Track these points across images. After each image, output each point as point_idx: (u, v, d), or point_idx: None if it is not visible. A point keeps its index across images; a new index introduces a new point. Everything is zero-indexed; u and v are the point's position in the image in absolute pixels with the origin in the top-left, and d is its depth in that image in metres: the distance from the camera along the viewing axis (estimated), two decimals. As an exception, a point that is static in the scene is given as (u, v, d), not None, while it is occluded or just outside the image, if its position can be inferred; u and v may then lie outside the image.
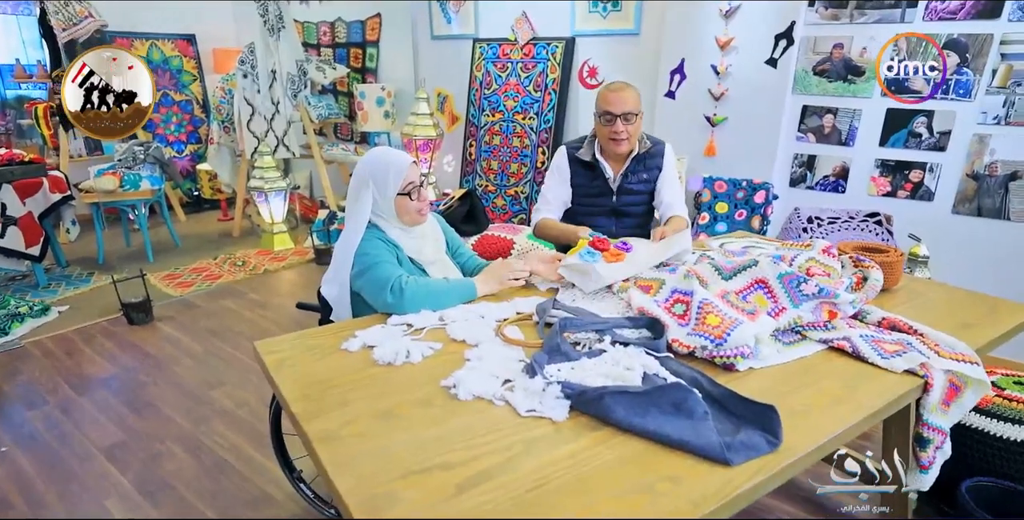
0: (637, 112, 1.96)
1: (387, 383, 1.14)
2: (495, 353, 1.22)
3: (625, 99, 1.93)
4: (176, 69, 5.48)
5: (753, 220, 2.92)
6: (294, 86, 4.38)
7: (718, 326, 1.19)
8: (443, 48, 4.32)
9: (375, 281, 1.45)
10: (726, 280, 1.36)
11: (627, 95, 1.93)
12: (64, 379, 2.62)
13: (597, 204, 2.09)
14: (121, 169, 4.08)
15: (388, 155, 1.59)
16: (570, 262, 1.56)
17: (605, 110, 1.94)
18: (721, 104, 3.03)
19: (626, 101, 1.93)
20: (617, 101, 1.93)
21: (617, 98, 1.93)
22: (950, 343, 1.25)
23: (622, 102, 1.92)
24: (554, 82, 3.64)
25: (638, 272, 1.53)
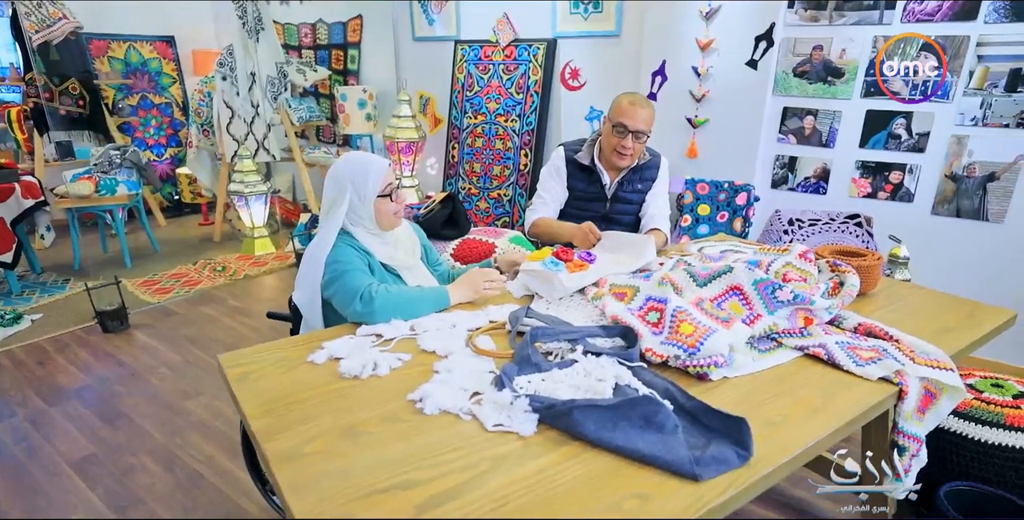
0: (649, 133, 1.97)
1: (353, 398, 1.10)
2: (465, 365, 1.19)
3: (644, 117, 1.93)
4: (155, 71, 5.40)
5: (735, 222, 2.91)
6: (274, 88, 4.32)
7: (691, 335, 1.16)
8: (425, 50, 4.29)
9: (345, 290, 1.41)
10: (701, 287, 1.34)
11: (646, 114, 1.94)
12: (35, 390, 2.56)
13: (589, 209, 2.07)
14: (97, 174, 4.00)
15: (366, 158, 1.57)
16: (532, 267, 1.54)
17: (620, 122, 1.93)
18: (702, 106, 3.02)
19: (645, 119, 1.94)
20: (636, 117, 1.93)
21: (636, 114, 1.93)
22: (925, 349, 1.23)
23: (641, 119, 1.93)
24: (536, 84, 3.62)
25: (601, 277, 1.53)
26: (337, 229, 1.51)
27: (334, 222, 1.52)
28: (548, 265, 1.55)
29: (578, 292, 1.53)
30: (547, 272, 1.51)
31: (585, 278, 1.53)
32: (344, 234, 1.54)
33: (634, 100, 1.92)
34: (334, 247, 1.49)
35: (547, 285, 1.51)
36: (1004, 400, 1.68)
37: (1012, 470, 1.57)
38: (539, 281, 1.53)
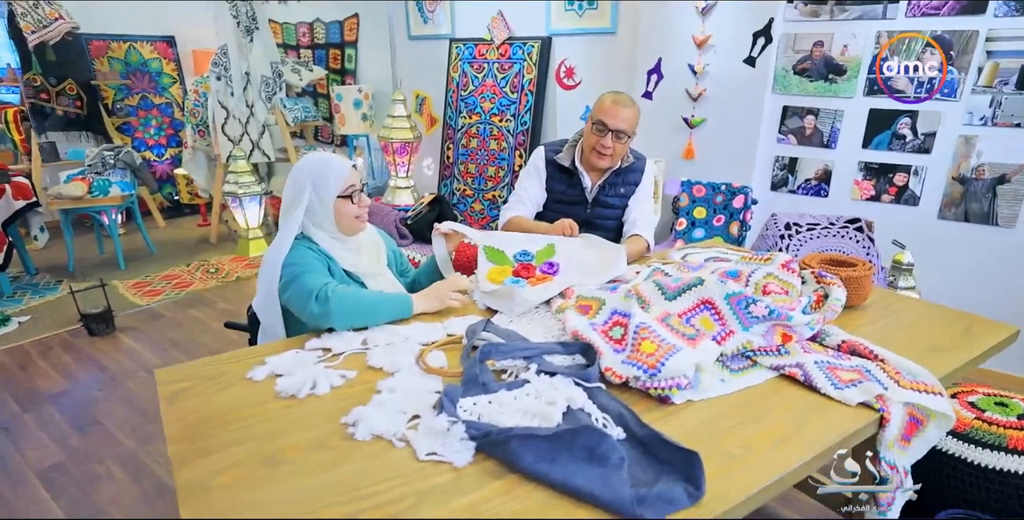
0: (631, 132, 1.86)
1: (285, 420, 1.03)
2: (410, 384, 1.11)
3: (625, 116, 1.82)
4: (155, 72, 5.38)
5: (732, 226, 2.80)
6: (268, 89, 4.28)
7: (652, 354, 1.07)
8: (420, 48, 4.22)
9: (301, 291, 1.34)
10: (669, 300, 1.24)
11: (628, 113, 1.83)
12: (12, 394, 2.52)
13: (569, 213, 1.97)
14: (91, 175, 3.98)
15: (327, 158, 1.50)
16: (490, 289, 1.46)
17: (600, 119, 1.83)
18: (699, 105, 2.92)
19: (625, 118, 1.83)
20: (616, 115, 1.82)
21: (617, 112, 1.82)
22: (913, 371, 1.13)
23: (619, 117, 1.82)
24: (530, 83, 3.53)
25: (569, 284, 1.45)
26: (295, 232, 1.44)
27: (292, 224, 1.45)
28: (508, 285, 1.48)
29: (543, 304, 1.44)
30: (506, 288, 1.43)
31: (548, 289, 1.45)
32: (304, 238, 1.47)
33: (617, 99, 1.83)
34: (291, 250, 1.42)
35: (508, 301, 1.42)
36: (1008, 421, 1.56)
37: (1015, 498, 1.46)
38: (500, 299, 1.45)
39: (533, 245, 1.64)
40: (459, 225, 1.63)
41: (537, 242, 1.65)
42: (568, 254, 1.62)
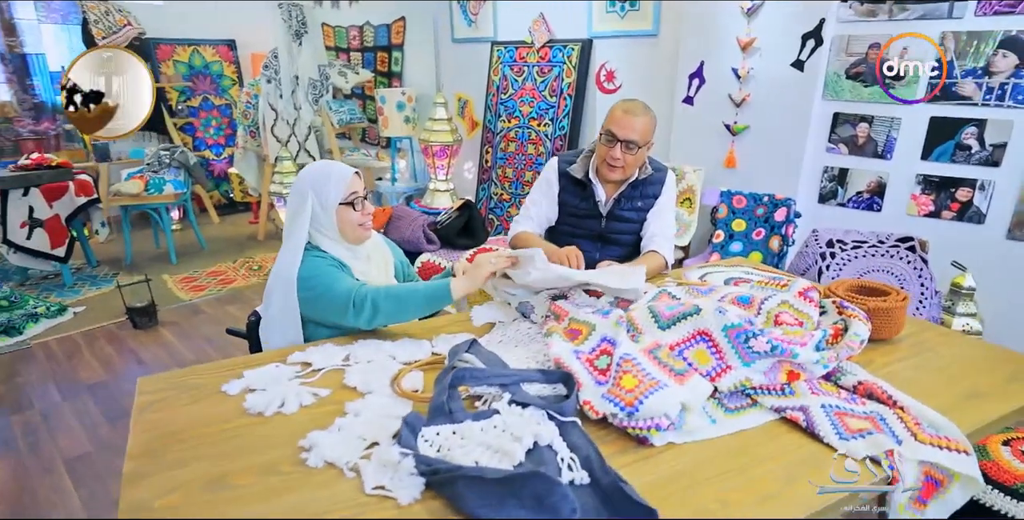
0: (643, 143, 1.72)
1: (245, 439, 1.00)
2: (379, 407, 1.07)
3: (634, 125, 1.69)
4: (217, 74, 5.61)
5: (772, 240, 2.63)
6: (316, 91, 4.37)
7: (632, 390, 0.99)
8: (463, 51, 4.20)
9: (333, 305, 1.35)
10: (663, 329, 1.15)
11: (638, 122, 1.69)
12: (56, 383, 2.66)
13: (583, 227, 1.89)
14: (148, 173, 4.18)
15: (330, 164, 1.49)
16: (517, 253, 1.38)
17: (609, 129, 1.73)
18: (743, 111, 2.75)
19: (634, 127, 1.69)
20: (624, 124, 1.70)
21: (626, 121, 1.70)
22: (936, 422, 0.99)
23: (629, 127, 1.70)
24: (569, 86, 3.44)
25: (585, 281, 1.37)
26: (302, 244, 1.43)
27: (298, 234, 1.44)
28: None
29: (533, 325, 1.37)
30: (529, 251, 1.34)
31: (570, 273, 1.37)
32: (313, 248, 1.46)
33: (628, 107, 1.73)
34: (304, 262, 1.41)
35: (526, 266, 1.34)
36: (1067, 476, 1.37)
37: (1069, 566, 1.28)
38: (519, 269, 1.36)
39: None
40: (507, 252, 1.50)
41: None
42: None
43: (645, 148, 1.74)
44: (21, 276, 3.91)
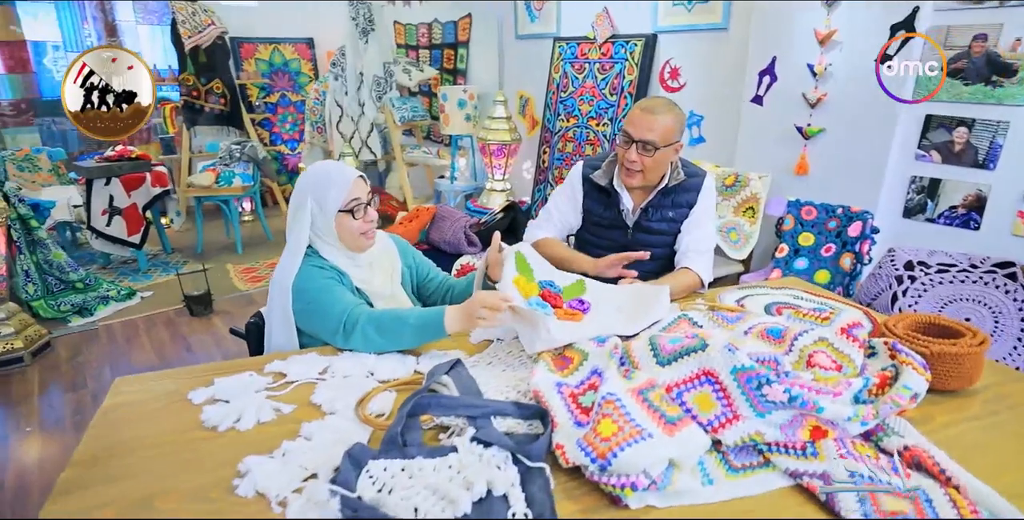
0: (661, 144, 1.53)
1: (190, 455, 0.94)
2: (335, 431, 0.98)
3: (650, 124, 1.52)
4: (295, 71, 5.80)
5: (843, 258, 2.34)
6: (380, 88, 4.39)
7: (609, 439, 0.84)
8: (527, 48, 4.09)
9: (324, 324, 1.28)
10: (661, 366, 0.98)
11: (655, 120, 1.52)
12: (111, 365, 2.80)
13: (608, 237, 1.73)
14: (220, 166, 4.36)
15: (331, 168, 1.41)
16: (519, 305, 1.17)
17: (624, 129, 1.57)
18: (818, 112, 2.47)
19: (651, 126, 1.52)
20: (640, 123, 1.53)
21: (642, 119, 1.53)
22: (996, 506, 0.78)
23: (645, 126, 1.52)
24: (631, 84, 3.25)
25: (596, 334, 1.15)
26: (301, 249, 1.38)
27: (296, 241, 1.38)
28: (535, 306, 1.21)
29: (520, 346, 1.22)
30: (533, 312, 1.15)
31: (579, 330, 1.17)
32: (313, 254, 1.40)
33: (647, 104, 1.54)
34: (300, 270, 1.35)
35: (531, 329, 1.15)
36: None
37: None
38: (522, 322, 1.17)
39: (561, 278, 1.38)
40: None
41: (565, 277, 1.39)
42: (599, 293, 1.36)
43: (671, 150, 1.55)
44: (104, 260, 4.19)
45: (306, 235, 1.38)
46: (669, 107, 1.54)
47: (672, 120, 1.53)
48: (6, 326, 2.76)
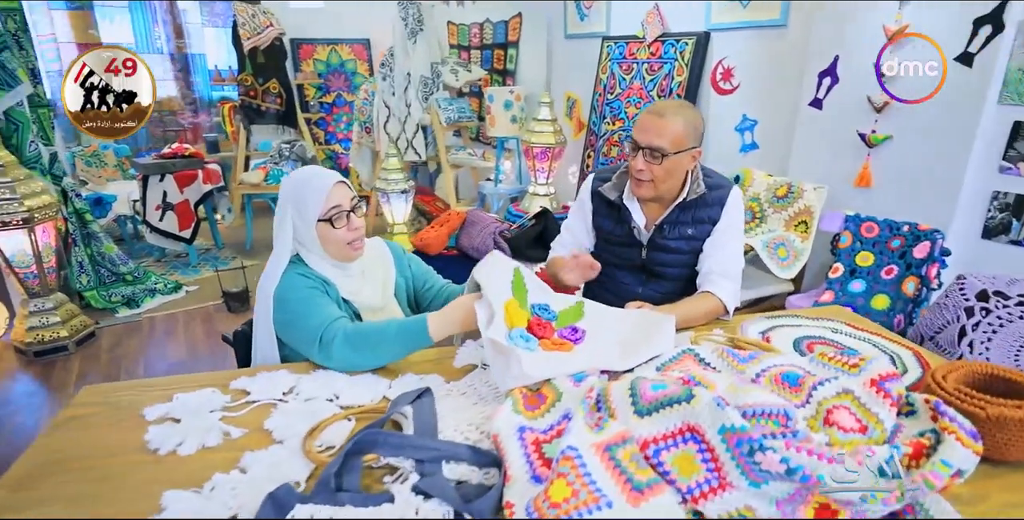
0: (671, 151, 1.36)
1: (120, 481, 0.88)
2: (273, 464, 0.89)
3: (659, 128, 1.35)
4: (351, 72, 5.88)
5: (906, 282, 2.08)
6: (426, 88, 4.36)
7: (559, 504, 0.71)
8: (575, 48, 3.94)
9: (302, 336, 1.21)
10: (640, 416, 0.83)
11: (663, 124, 1.35)
12: (145, 358, 2.86)
13: (622, 256, 1.58)
14: (270, 164, 4.45)
15: (312, 172, 1.34)
16: (494, 337, 1.04)
17: (631, 134, 1.42)
18: (884, 117, 2.21)
19: (659, 131, 1.35)
20: (647, 127, 1.37)
21: (648, 123, 1.37)
22: None
23: (652, 130, 1.36)
24: (680, 86, 3.05)
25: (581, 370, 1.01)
26: (285, 257, 1.32)
27: (281, 248, 1.32)
28: (515, 339, 1.09)
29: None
30: (506, 346, 1.01)
31: (560, 365, 1.02)
32: (297, 262, 1.33)
33: (657, 107, 1.38)
34: (283, 278, 1.29)
35: (504, 362, 1.00)
36: None
37: None
38: (498, 357, 1.03)
39: (559, 301, 1.25)
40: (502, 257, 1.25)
41: (563, 299, 1.26)
42: (599, 319, 1.22)
43: (684, 157, 1.38)
44: (160, 253, 4.35)
45: (289, 245, 1.32)
46: (681, 109, 1.38)
47: (684, 124, 1.36)
48: (53, 315, 2.88)
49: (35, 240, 2.70)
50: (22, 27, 2.97)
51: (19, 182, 2.63)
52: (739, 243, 1.47)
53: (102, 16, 4.91)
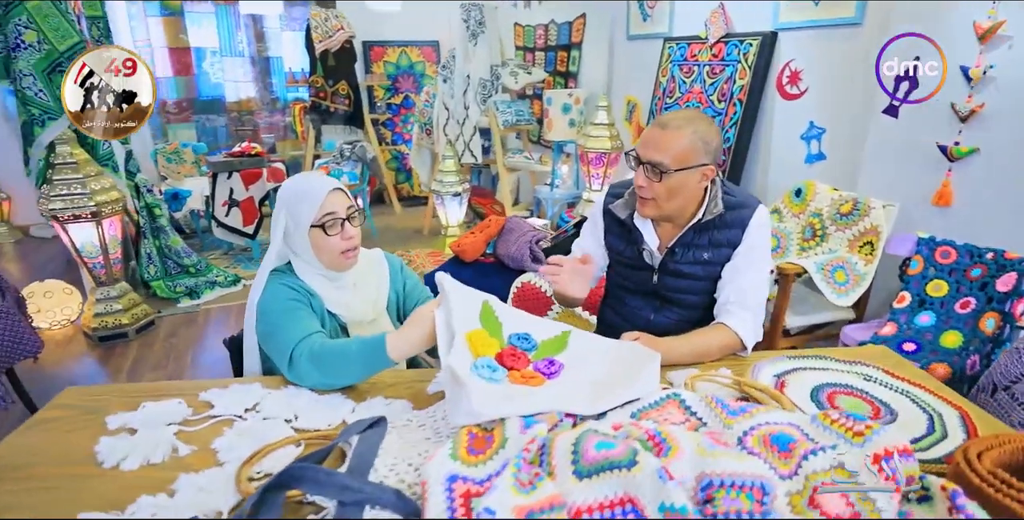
0: (673, 167, 1.21)
1: (55, 494, 0.87)
2: (202, 491, 0.85)
3: (661, 141, 1.22)
4: (419, 73, 5.96)
5: (985, 318, 1.80)
6: (485, 91, 4.32)
7: (458, 580, 0.62)
8: (637, 49, 3.78)
9: (276, 350, 1.19)
10: (579, 478, 0.72)
11: (665, 137, 1.21)
12: (192, 349, 2.99)
13: (633, 280, 1.45)
14: (331, 164, 4.57)
15: (307, 179, 1.31)
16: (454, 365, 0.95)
17: (633, 147, 1.30)
18: (970, 127, 1.94)
19: (661, 144, 1.22)
20: (650, 140, 1.24)
21: (651, 136, 1.24)
22: None
23: (653, 144, 1.23)
24: (742, 90, 2.84)
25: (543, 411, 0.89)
26: (271, 264, 1.30)
27: (272, 254, 1.30)
28: (479, 369, 0.99)
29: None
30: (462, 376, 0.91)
31: (519, 403, 0.90)
32: (285, 271, 1.30)
33: (664, 118, 1.24)
34: (266, 287, 1.27)
35: (456, 397, 0.91)
36: None
37: None
38: (452, 385, 0.93)
39: (542, 330, 1.14)
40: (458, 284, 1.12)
41: (549, 328, 1.15)
42: (582, 352, 1.10)
43: (692, 175, 1.23)
44: (228, 246, 4.57)
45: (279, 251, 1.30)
46: (691, 121, 1.23)
47: (691, 137, 1.21)
48: (117, 303, 3.06)
49: (102, 232, 2.88)
50: (105, 33, 3.19)
51: (90, 178, 2.81)
52: (762, 270, 1.30)
53: (191, 22, 5.23)
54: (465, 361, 0.97)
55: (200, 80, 5.42)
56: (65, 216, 2.76)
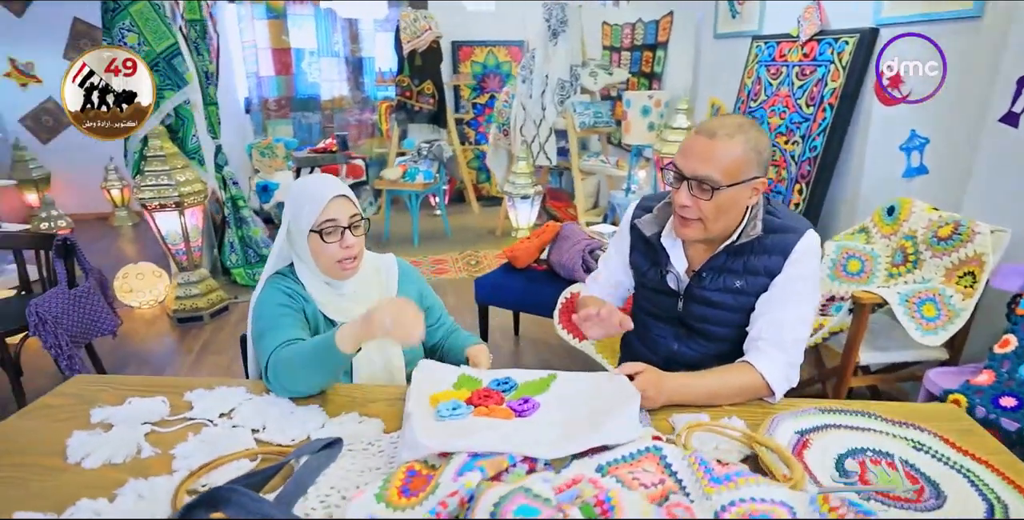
0: (725, 182, 1.06)
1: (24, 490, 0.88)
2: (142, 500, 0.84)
3: (709, 152, 1.06)
4: (505, 73, 5.95)
5: (1111, 375, 1.47)
6: (563, 92, 4.21)
7: None
8: (724, 48, 3.52)
9: (258, 355, 1.19)
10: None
11: (715, 147, 1.06)
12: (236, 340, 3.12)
13: (657, 304, 1.30)
14: (409, 162, 4.65)
15: (313, 181, 1.28)
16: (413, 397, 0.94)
17: (672, 161, 1.13)
18: (1111, 143, 1.60)
19: (709, 156, 1.06)
20: (693, 152, 1.08)
21: (695, 147, 1.08)
22: None
23: (699, 156, 1.07)
24: (833, 93, 2.54)
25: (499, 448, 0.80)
26: (273, 263, 1.29)
27: (274, 254, 1.30)
28: (442, 411, 0.93)
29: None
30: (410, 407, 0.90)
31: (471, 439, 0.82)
32: (285, 274, 1.29)
33: (708, 125, 1.07)
34: (263, 289, 1.26)
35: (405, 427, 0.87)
36: None
37: None
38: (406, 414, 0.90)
39: (526, 375, 1.07)
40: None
41: (532, 374, 1.07)
42: (566, 394, 1.00)
43: (744, 190, 1.07)
44: (309, 238, 4.78)
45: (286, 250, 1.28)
46: (741, 128, 1.06)
47: (743, 147, 1.05)
48: (195, 288, 3.27)
49: (184, 221, 3.08)
50: (201, 35, 3.40)
51: (176, 170, 3.01)
52: (804, 305, 1.11)
53: (292, 24, 5.52)
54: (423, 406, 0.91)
55: (298, 79, 5.71)
56: (152, 205, 2.98)
